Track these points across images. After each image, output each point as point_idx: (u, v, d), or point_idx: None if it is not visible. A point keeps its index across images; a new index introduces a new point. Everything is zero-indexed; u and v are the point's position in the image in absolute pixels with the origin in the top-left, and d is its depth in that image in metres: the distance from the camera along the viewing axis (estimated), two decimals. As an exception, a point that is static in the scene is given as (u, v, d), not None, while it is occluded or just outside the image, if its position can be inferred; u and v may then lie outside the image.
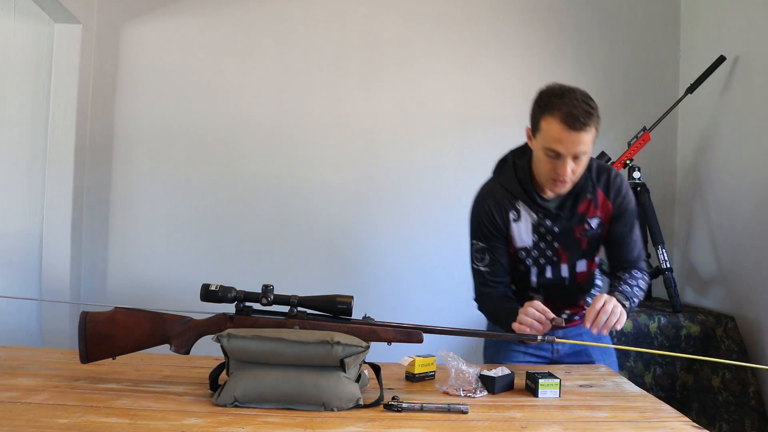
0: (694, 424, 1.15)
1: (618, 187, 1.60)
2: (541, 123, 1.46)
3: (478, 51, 2.86)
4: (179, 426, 1.06)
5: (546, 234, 1.61)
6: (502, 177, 1.64)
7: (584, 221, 1.60)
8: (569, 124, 1.40)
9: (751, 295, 2.35)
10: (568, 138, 1.41)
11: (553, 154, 1.45)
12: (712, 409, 2.26)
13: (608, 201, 1.59)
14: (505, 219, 1.61)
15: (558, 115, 1.42)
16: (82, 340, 1.25)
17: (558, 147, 1.43)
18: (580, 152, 1.44)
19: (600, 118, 1.46)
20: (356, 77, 2.82)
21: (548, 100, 1.45)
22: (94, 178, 2.69)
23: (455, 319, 2.64)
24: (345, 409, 1.17)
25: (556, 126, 1.42)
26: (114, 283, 2.72)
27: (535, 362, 1.69)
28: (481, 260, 1.65)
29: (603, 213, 1.60)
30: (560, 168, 1.45)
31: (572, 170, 1.46)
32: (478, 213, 1.65)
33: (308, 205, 2.79)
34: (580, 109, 1.41)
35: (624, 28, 2.90)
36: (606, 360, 1.71)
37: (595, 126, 1.45)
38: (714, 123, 2.63)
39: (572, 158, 1.45)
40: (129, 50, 2.75)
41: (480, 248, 1.65)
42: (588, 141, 1.44)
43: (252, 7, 2.79)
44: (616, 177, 1.61)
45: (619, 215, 1.60)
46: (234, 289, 1.26)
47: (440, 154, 2.84)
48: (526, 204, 1.60)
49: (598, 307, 1.40)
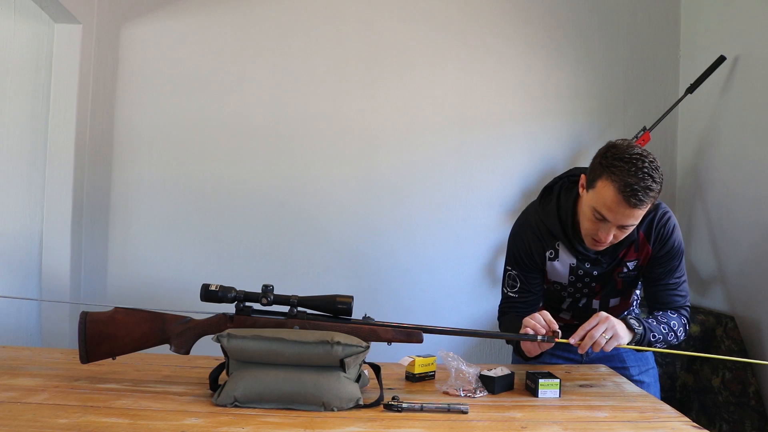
0: (694, 424, 1.15)
1: (660, 229, 1.51)
2: (598, 183, 1.37)
3: (478, 51, 2.85)
4: (179, 426, 1.06)
5: (584, 276, 1.57)
6: (545, 213, 1.56)
7: (623, 264, 1.55)
8: (626, 198, 1.32)
9: (751, 295, 2.35)
10: (620, 210, 1.34)
11: (600, 217, 1.38)
12: (712, 409, 2.26)
13: (648, 244, 1.52)
14: (542, 255, 1.58)
15: (617, 183, 1.32)
16: (82, 340, 1.25)
17: (607, 214, 1.36)
18: (628, 225, 1.39)
19: (661, 191, 1.37)
20: (356, 77, 2.82)
21: (613, 162, 1.35)
22: (94, 178, 2.69)
23: (455, 319, 2.66)
24: (345, 409, 1.17)
25: (611, 193, 1.33)
26: (114, 283, 2.72)
27: (562, 363, 1.66)
28: (512, 287, 1.62)
29: (642, 255, 1.54)
30: (603, 232, 1.40)
31: (615, 236, 1.41)
32: (515, 242, 1.61)
33: (308, 206, 2.79)
34: (642, 184, 1.31)
35: (624, 28, 2.90)
36: (642, 367, 1.65)
37: (653, 201, 1.36)
38: (714, 123, 2.63)
39: (618, 227, 1.39)
40: (129, 50, 2.75)
41: (513, 276, 1.61)
42: (640, 216, 1.37)
43: (252, 8, 2.79)
44: (661, 218, 1.51)
45: (658, 258, 1.52)
46: (234, 289, 1.26)
47: (441, 154, 2.84)
48: (566, 246, 1.54)
49: (588, 327, 1.35)
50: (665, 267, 1.53)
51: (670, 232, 1.51)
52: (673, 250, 1.52)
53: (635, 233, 1.51)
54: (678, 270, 1.54)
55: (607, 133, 2.88)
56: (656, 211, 1.52)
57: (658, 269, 1.54)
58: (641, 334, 1.41)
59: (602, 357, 1.64)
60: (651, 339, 1.44)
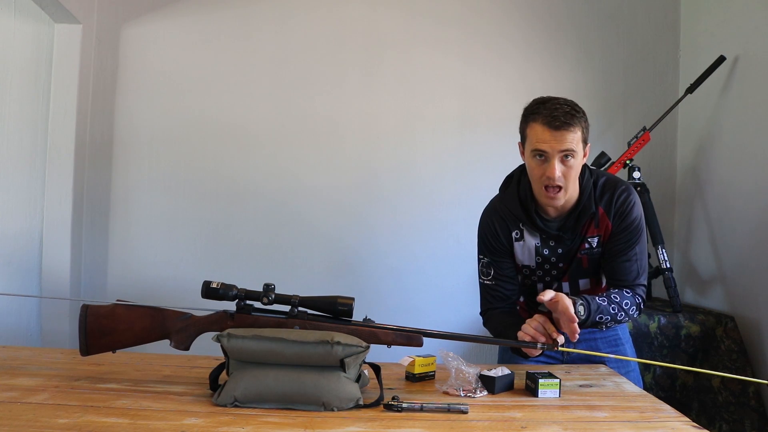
0: (694, 424, 1.15)
1: (620, 206, 1.55)
2: (527, 130, 1.50)
3: (479, 51, 2.86)
4: (179, 426, 1.06)
5: (550, 256, 1.60)
6: (506, 196, 1.63)
7: (585, 240, 1.58)
8: (551, 124, 1.44)
9: (751, 295, 2.35)
10: (552, 137, 1.44)
11: (540, 153, 1.47)
12: (712, 409, 2.26)
13: (608, 219, 1.56)
14: (509, 236, 1.62)
15: (540, 118, 1.46)
16: (83, 332, 1.25)
17: (543, 146, 1.46)
18: (566, 150, 1.45)
19: (587, 122, 1.50)
20: (357, 77, 2.82)
21: (532, 109, 1.50)
22: (94, 178, 2.69)
23: (455, 319, 2.66)
24: (345, 409, 1.17)
25: (540, 128, 1.46)
26: (114, 283, 2.72)
27: (546, 363, 1.67)
28: (487, 275, 1.66)
29: (603, 231, 1.57)
30: (548, 169, 1.46)
31: (562, 173, 1.46)
32: (482, 229, 1.66)
33: (309, 206, 2.79)
34: (561, 110, 1.45)
35: (624, 28, 2.90)
36: (622, 370, 1.64)
37: (580, 127, 1.47)
38: (714, 123, 2.63)
39: (560, 160, 1.46)
40: (129, 50, 2.75)
41: (485, 263, 1.66)
42: (572, 140, 1.45)
43: (252, 8, 2.79)
44: (620, 194, 1.56)
45: (617, 233, 1.56)
46: (235, 287, 1.26)
47: (440, 153, 2.84)
48: (528, 226, 1.59)
49: None
50: (624, 243, 1.56)
51: (630, 208, 1.56)
52: (632, 225, 1.56)
53: (594, 207, 1.55)
54: (637, 245, 1.57)
55: (607, 133, 2.88)
56: (616, 188, 1.57)
57: (617, 245, 1.57)
58: (589, 319, 1.45)
59: (583, 356, 1.65)
60: (597, 320, 1.48)
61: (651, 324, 2.31)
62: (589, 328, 1.51)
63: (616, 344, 1.69)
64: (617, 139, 2.84)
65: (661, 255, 2.46)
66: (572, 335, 1.38)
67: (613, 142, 2.82)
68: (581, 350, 1.54)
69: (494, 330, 1.64)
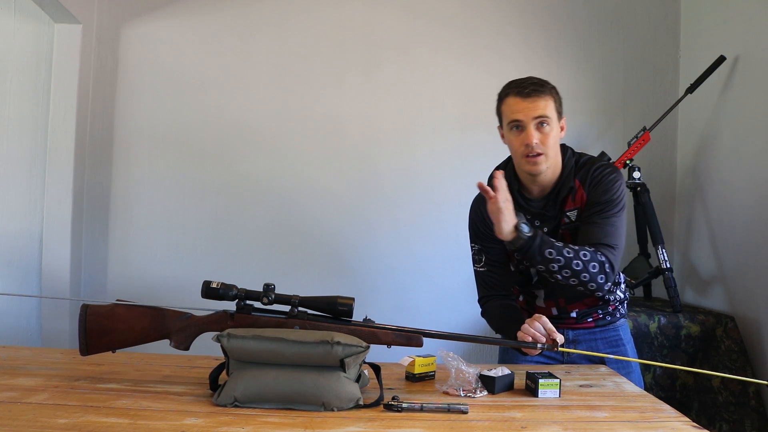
0: (694, 424, 1.15)
1: (596, 178, 1.57)
2: (502, 107, 1.60)
3: (479, 51, 2.85)
4: (179, 426, 1.06)
5: None
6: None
7: (564, 215, 1.60)
8: (522, 93, 1.54)
9: (751, 295, 2.35)
10: (523, 106, 1.53)
11: (517, 125, 1.55)
12: (712, 409, 2.26)
13: (584, 190, 1.59)
14: None
15: (512, 91, 1.57)
16: (83, 332, 1.25)
17: (517, 115, 1.54)
18: (540, 117, 1.52)
19: (558, 95, 1.59)
20: (357, 77, 2.82)
21: (503, 89, 1.61)
22: (94, 178, 2.69)
23: (455, 319, 2.66)
24: (345, 409, 1.17)
25: (512, 99, 1.56)
26: (114, 284, 2.72)
27: (546, 363, 1.67)
28: (479, 262, 1.69)
29: (579, 203, 1.59)
30: (526, 137, 1.53)
31: (540, 140, 1.52)
32: (473, 216, 1.70)
33: (309, 206, 2.79)
34: (529, 81, 1.55)
35: (624, 27, 2.90)
36: (622, 371, 1.62)
37: (551, 96, 1.55)
38: (714, 123, 2.63)
39: (536, 127, 1.53)
40: (129, 50, 2.75)
41: (477, 250, 1.70)
42: (544, 106, 1.53)
43: (252, 8, 2.79)
44: (597, 169, 1.58)
45: (591, 205, 1.56)
46: (235, 287, 1.26)
47: (440, 153, 2.84)
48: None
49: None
50: (596, 214, 1.54)
51: (608, 181, 1.56)
52: (605, 196, 1.54)
53: (572, 180, 1.58)
54: (609, 212, 1.54)
55: (607, 133, 2.88)
56: (593, 164, 1.60)
57: (590, 216, 1.55)
58: (528, 237, 1.45)
59: (583, 357, 1.64)
60: (546, 255, 1.45)
61: (651, 324, 2.31)
62: (539, 265, 1.48)
63: (616, 345, 1.69)
64: (617, 139, 2.84)
65: (661, 255, 2.46)
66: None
67: (613, 142, 2.82)
68: (581, 350, 1.54)
69: (493, 323, 1.66)
